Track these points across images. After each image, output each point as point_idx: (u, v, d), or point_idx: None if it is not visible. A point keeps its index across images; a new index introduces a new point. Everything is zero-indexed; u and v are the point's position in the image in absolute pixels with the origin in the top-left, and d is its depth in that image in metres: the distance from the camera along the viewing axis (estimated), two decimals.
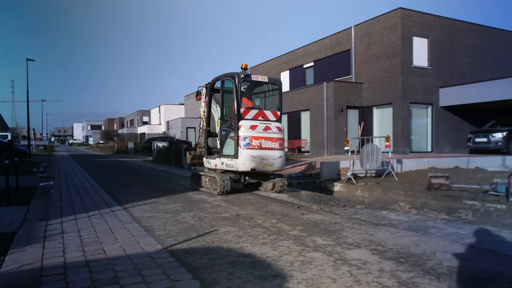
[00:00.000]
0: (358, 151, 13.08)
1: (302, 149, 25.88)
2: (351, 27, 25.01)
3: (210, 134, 10.86)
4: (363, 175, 13.31)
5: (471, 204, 7.90)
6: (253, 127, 9.29)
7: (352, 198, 10.16)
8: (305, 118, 26.13)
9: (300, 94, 26.61)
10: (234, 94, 9.40)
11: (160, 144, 27.32)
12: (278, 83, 10.43)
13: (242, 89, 9.78)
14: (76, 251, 4.62)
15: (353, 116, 24.10)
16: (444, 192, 9.41)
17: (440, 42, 22.71)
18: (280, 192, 9.91)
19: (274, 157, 9.51)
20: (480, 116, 22.94)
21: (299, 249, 4.65)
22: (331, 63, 27.03)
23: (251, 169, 9.15)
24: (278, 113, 10.09)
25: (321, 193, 11.26)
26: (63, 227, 5.95)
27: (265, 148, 9.42)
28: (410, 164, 14.40)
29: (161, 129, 70.47)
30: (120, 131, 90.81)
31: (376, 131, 23.29)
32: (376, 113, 23.67)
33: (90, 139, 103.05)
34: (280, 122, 10.03)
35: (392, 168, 13.16)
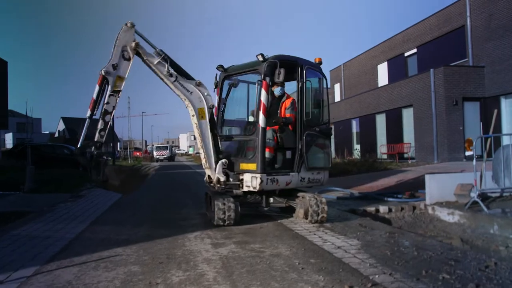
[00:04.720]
0: (489, 157, 8.35)
1: (405, 155, 20.90)
2: None
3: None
4: (498, 194, 8.53)
5: None
6: None
7: (483, 244, 5.64)
8: (408, 116, 21.14)
9: (401, 87, 21.68)
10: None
11: None
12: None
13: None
14: None
15: (471, 110, 18.59)
16: None
17: None
18: (317, 222, 6.27)
19: None
20: None
21: None
22: (440, 46, 21.68)
23: None
24: None
25: (424, 232, 6.86)
26: None
27: None
28: None
29: None
30: None
31: (505, 129, 17.56)
32: (505, 104, 17.90)
33: (190, 149, 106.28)
34: None
35: None
